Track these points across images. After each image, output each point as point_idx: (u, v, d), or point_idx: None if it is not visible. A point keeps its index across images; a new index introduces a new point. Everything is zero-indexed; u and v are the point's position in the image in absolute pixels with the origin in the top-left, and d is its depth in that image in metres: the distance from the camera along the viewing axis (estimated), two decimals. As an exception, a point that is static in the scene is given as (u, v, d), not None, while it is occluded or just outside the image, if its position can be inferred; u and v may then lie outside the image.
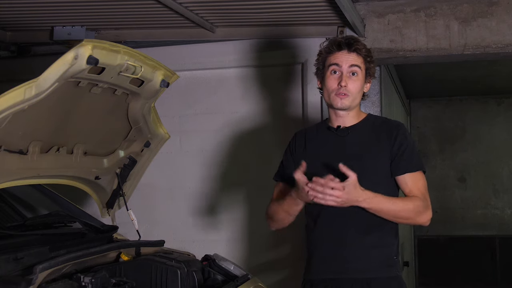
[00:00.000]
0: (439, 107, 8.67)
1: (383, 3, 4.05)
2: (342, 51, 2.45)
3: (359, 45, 2.46)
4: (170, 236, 3.64)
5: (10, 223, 2.91)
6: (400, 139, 2.47)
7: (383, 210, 2.36)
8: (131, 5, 3.64)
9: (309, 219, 2.54)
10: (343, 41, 2.47)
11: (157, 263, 2.67)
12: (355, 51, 2.45)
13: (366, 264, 2.43)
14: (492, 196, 8.46)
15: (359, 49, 2.45)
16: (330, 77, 2.46)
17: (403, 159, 2.45)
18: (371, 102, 4.37)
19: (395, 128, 2.51)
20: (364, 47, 2.49)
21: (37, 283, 2.11)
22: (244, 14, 3.84)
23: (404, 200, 2.43)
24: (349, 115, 2.51)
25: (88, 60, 2.17)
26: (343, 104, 2.45)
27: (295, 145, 2.61)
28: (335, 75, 2.45)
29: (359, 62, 2.45)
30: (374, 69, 2.54)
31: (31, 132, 2.42)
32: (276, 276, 4.08)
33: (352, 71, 2.44)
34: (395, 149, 2.45)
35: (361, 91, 2.49)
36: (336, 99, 2.45)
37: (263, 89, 4.31)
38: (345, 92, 2.43)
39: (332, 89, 2.45)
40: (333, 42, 2.49)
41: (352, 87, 2.44)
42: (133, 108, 2.73)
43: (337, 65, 2.45)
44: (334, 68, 2.45)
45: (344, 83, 2.42)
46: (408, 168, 2.46)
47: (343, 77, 2.43)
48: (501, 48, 3.93)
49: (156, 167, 3.61)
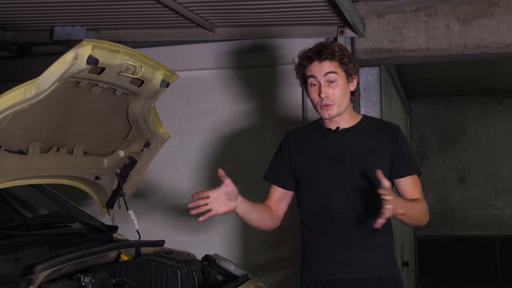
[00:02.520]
0: (439, 107, 8.67)
1: (383, 3, 4.05)
2: (314, 63, 2.42)
3: (328, 51, 2.41)
4: (170, 236, 3.63)
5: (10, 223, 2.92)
6: (400, 142, 2.48)
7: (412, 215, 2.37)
8: (131, 5, 3.64)
9: (308, 221, 2.53)
10: (311, 53, 2.43)
11: (157, 263, 2.67)
12: (326, 59, 2.40)
13: (373, 263, 2.46)
14: (492, 196, 8.47)
15: (330, 55, 2.41)
16: (310, 90, 2.45)
17: (403, 163, 2.46)
18: (371, 102, 4.37)
19: (395, 131, 2.51)
20: (337, 51, 2.42)
21: (37, 283, 2.11)
22: (244, 14, 3.84)
23: (420, 203, 2.45)
24: (343, 118, 2.50)
25: (88, 60, 2.17)
26: (330, 114, 2.44)
27: (289, 146, 2.57)
28: (314, 87, 2.44)
29: (333, 68, 2.41)
30: (353, 67, 2.49)
31: (31, 132, 2.42)
32: (276, 276, 4.08)
33: (328, 79, 2.41)
34: (396, 152, 2.46)
35: (345, 95, 2.45)
36: (322, 111, 2.44)
37: (263, 89, 4.31)
38: (327, 103, 2.41)
39: (316, 102, 2.44)
40: (304, 56, 2.46)
41: (334, 95, 2.41)
42: (133, 108, 2.73)
43: (313, 77, 2.43)
44: (311, 81, 2.44)
45: (324, 94, 2.40)
46: (409, 172, 2.48)
47: (321, 88, 2.40)
48: (501, 48, 3.93)
49: (156, 167, 3.61)
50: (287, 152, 2.57)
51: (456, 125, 8.59)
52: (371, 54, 4.10)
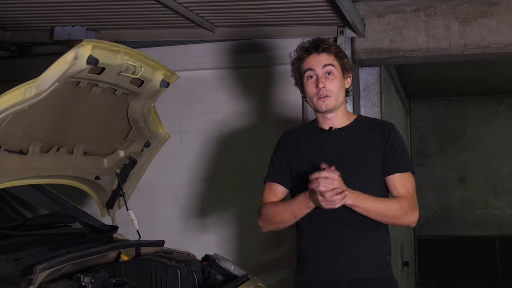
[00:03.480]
0: (439, 107, 8.67)
1: (383, 3, 4.05)
2: (312, 55, 2.45)
3: (326, 44, 2.46)
4: (170, 236, 3.63)
5: (10, 223, 2.92)
6: (392, 139, 2.47)
7: (368, 209, 2.35)
8: (131, 5, 3.64)
9: (301, 220, 2.52)
10: (310, 45, 2.47)
11: (157, 263, 2.67)
12: (324, 51, 2.44)
13: (363, 265, 2.43)
14: (492, 196, 8.47)
15: (328, 48, 2.45)
16: (307, 83, 2.46)
17: (393, 159, 2.45)
18: (371, 102, 4.37)
19: (387, 128, 2.51)
20: (333, 45, 2.48)
21: (37, 283, 2.11)
22: (244, 14, 3.84)
23: (391, 200, 2.44)
24: (338, 116, 2.50)
25: (88, 60, 2.17)
26: (327, 105, 2.44)
27: (286, 145, 2.58)
28: (311, 80, 2.45)
29: (331, 60, 2.45)
30: (349, 64, 2.53)
31: (31, 132, 2.42)
32: (276, 276, 4.08)
33: (326, 71, 2.44)
34: (387, 149, 2.45)
35: (342, 89, 2.47)
36: (319, 102, 2.44)
37: (263, 89, 4.30)
38: (325, 94, 2.42)
39: (313, 94, 2.45)
40: (301, 48, 2.49)
41: (331, 86, 2.43)
42: (133, 108, 2.73)
43: (311, 69, 2.45)
44: (309, 74, 2.45)
45: (322, 84, 2.41)
46: (398, 168, 2.45)
47: (319, 79, 2.42)
48: (501, 48, 3.93)
49: (156, 167, 3.61)
50: (285, 151, 2.58)
51: (456, 125, 8.59)
52: (371, 54, 4.10)
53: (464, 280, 8.13)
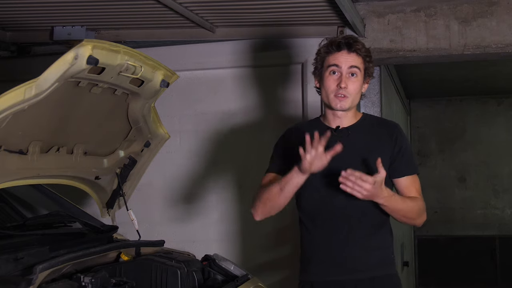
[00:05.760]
0: (439, 107, 8.67)
1: (383, 3, 4.05)
2: (341, 52, 2.41)
3: (358, 45, 2.42)
4: (170, 236, 3.63)
5: (10, 223, 2.91)
6: (400, 141, 2.47)
7: (396, 209, 2.36)
8: (131, 5, 3.64)
9: (306, 220, 2.52)
10: (342, 41, 2.42)
11: (157, 263, 2.67)
12: (355, 52, 2.41)
13: (369, 265, 2.43)
14: (492, 196, 8.47)
15: (359, 49, 2.42)
16: (329, 77, 2.43)
17: (403, 162, 2.45)
18: (371, 102, 4.37)
19: (395, 129, 2.51)
20: (364, 47, 2.45)
21: (37, 283, 2.11)
22: (244, 14, 3.84)
23: (413, 201, 2.44)
24: (348, 115, 2.49)
25: (88, 60, 2.17)
26: (342, 106, 2.42)
27: (290, 141, 2.52)
28: (334, 75, 2.42)
29: (358, 63, 2.42)
30: (372, 69, 2.51)
31: (31, 132, 2.42)
32: (276, 276, 4.08)
33: (351, 72, 2.41)
34: (396, 151, 2.45)
35: (360, 92, 2.46)
36: (335, 100, 2.42)
37: (263, 89, 4.31)
38: (344, 94, 2.40)
39: (331, 90, 2.42)
40: (333, 42, 2.44)
41: (352, 88, 2.41)
42: (133, 108, 2.73)
43: (336, 66, 2.41)
44: (333, 69, 2.41)
45: (344, 85, 2.39)
46: (408, 171, 2.47)
47: (342, 78, 2.39)
48: (501, 48, 3.93)
49: (156, 167, 3.61)
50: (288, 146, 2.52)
51: (456, 125, 8.59)
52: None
53: (464, 280, 8.13)
